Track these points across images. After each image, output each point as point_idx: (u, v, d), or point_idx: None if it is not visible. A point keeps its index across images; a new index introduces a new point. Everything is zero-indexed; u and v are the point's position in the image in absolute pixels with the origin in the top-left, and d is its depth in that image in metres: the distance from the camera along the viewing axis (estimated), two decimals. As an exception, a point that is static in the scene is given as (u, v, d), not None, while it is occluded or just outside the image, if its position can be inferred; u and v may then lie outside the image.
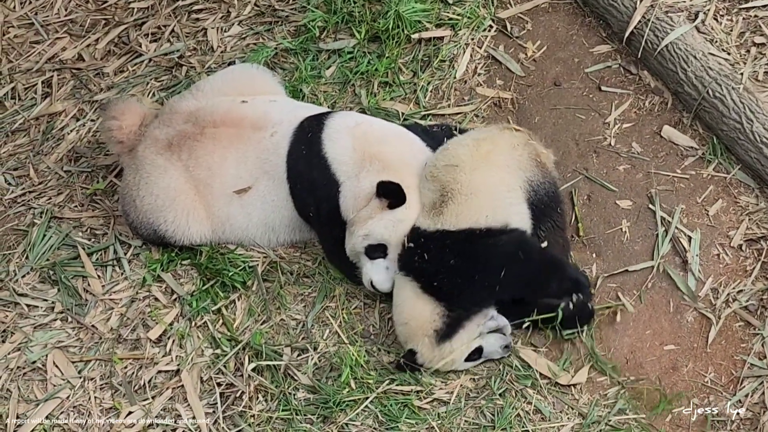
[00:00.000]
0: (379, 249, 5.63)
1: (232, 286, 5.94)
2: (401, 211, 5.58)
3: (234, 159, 5.94)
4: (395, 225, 5.58)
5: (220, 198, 5.97)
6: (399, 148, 5.78)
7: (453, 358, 5.44)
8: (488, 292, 5.41)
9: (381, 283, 5.66)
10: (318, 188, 5.78)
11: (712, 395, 5.39)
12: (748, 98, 5.83)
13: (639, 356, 5.53)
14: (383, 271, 5.66)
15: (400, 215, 5.58)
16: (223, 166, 5.94)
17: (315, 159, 5.79)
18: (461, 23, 6.61)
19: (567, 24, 6.58)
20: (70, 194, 6.47)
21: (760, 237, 5.70)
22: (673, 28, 6.11)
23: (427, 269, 5.41)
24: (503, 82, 6.47)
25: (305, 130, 5.88)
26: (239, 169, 5.94)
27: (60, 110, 6.86)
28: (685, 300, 5.61)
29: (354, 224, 5.65)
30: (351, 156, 5.72)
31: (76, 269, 6.12)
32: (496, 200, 5.50)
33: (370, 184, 5.63)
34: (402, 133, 5.92)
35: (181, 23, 7.08)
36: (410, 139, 5.89)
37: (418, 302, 5.42)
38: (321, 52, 6.73)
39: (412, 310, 5.43)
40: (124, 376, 5.75)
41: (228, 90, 6.23)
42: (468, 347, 5.44)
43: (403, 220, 5.58)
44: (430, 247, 5.44)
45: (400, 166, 5.68)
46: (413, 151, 5.83)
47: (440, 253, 5.42)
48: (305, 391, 5.57)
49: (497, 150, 5.64)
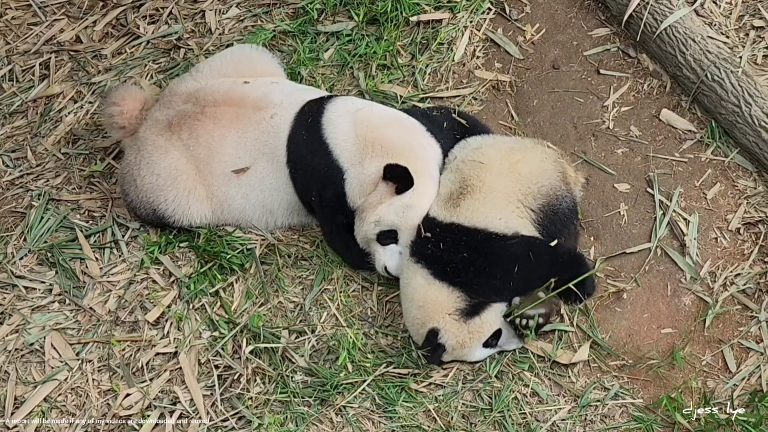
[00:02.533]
0: (390, 235, 5.64)
1: (230, 269, 5.94)
2: (410, 196, 5.58)
3: (234, 139, 5.94)
4: (405, 211, 5.58)
5: (219, 178, 5.97)
6: (401, 132, 5.77)
7: (478, 336, 5.40)
8: (503, 286, 5.41)
9: (395, 269, 5.67)
10: (320, 174, 5.78)
11: (709, 379, 5.40)
12: (747, 82, 5.83)
13: (636, 339, 5.54)
14: (396, 257, 5.67)
15: (408, 200, 5.58)
16: (222, 146, 5.94)
17: (316, 144, 5.78)
18: (460, 6, 6.60)
19: (566, 7, 6.57)
20: (68, 176, 6.46)
21: (758, 221, 5.71)
22: (672, 11, 6.10)
23: (440, 257, 5.42)
24: (502, 65, 6.46)
25: (306, 115, 5.87)
26: (238, 149, 5.93)
27: (58, 92, 6.85)
28: (683, 283, 5.62)
29: (364, 211, 5.65)
30: (353, 141, 5.72)
31: (73, 251, 6.12)
32: (512, 207, 5.50)
33: (375, 169, 5.63)
34: (403, 118, 5.91)
35: (179, 5, 7.07)
36: (411, 123, 5.88)
37: (431, 287, 5.42)
38: (319, 35, 6.71)
39: (426, 294, 5.42)
40: (122, 358, 5.75)
41: (228, 71, 6.22)
42: (492, 326, 5.42)
43: (412, 205, 5.58)
44: (445, 237, 5.44)
45: (404, 151, 5.67)
46: (416, 135, 5.82)
47: (454, 244, 5.42)
48: (303, 373, 5.57)
49: (526, 160, 5.64)
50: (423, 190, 5.62)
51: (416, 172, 5.58)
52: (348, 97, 6.12)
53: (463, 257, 5.40)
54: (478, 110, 6.29)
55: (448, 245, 5.43)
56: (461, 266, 5.39)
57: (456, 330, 5.37)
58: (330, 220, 5.85)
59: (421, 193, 5.61)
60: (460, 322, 5.36)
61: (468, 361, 5.51)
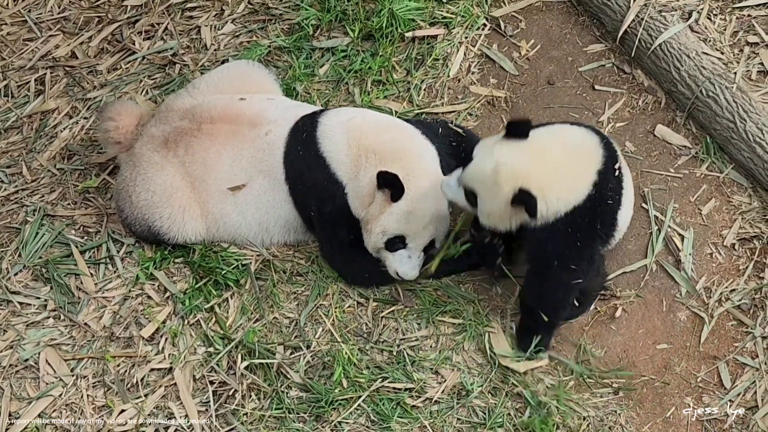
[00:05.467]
0: (397, 240, 5.66)
1: (225, 285, 5.94)
2: (406, 202, 5.58)
3: (229, 156, 5.94)
4: (407, 217, 5.59)
5: (214, 195, 5.97)
6: (392, 135, 5.76)
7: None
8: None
9: (406, 273, 5.69)
10: (319, 189, 5.77)
11: (704, 394, 5.40)
12: (741, 97, 5.84)
13: (632, 355, 5.53)
14: (406, 261, 5.69)
15: (406, 206, 5.58)
16: (218, 163, 5.94)
17: (313, 159, 5.78)
18: (455, 22, 6.62)
19: (561, 23, 6.58)
20: (63, 192, 6.46)
21: (753, 236, 5.71)
22: (667, 27, 6.12)
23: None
24: (497, 81, 6.47)
25: (300, 130, 5.87)
26: (234, 166, 5.93)
27: (53, 108, 6.85)
28: (678, 299, 5.62)
29: (368, 222, 5.66)
30: (347, 153, 5.72)
31: (68, 267, 6.12)
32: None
33: (370, 180, 5.63)
34: (394, 122, 5.91)
35: (175, 21, 7.08)
36: (403, 126, 5.87)
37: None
38: (314, 51, 6.72)
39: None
40: (116, 374, 5.74)
41: (224, 87, 6.22)
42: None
43: (412, 210, 5.59)
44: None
45: (396, 154, 5.66)
46: (407, 136, 5.81)
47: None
48: (298, 389, 5.57)
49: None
50: (419, 192, 5.61)
51: (410, 174, 5.58)
52: (341, 108, 6.13)
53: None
54: (474, 126, 6.30)
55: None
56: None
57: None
58: (330, 235, 5.85)
59: (417, 196, 5.60)
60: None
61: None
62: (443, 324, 5.69)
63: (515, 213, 5.22)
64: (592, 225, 5.27)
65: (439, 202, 5.63)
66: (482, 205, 5.30)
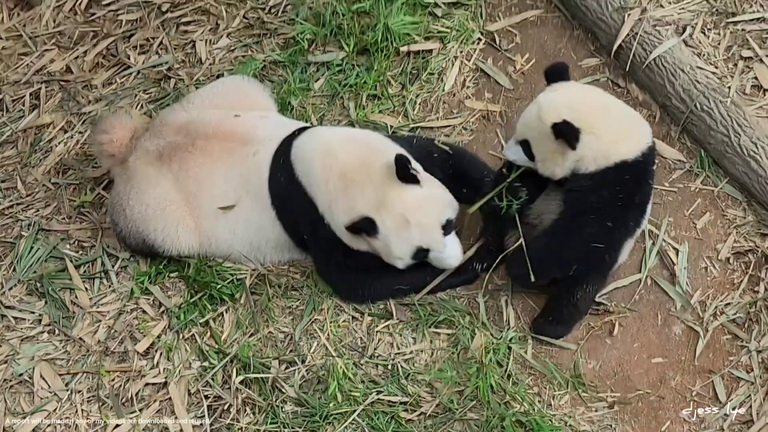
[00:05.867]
0: (418, 251, 5.63)
1: (220, 299, 5.93)
2: (388, 231, 5.54)
3: (222, 174, 5.93)
4: (402, 234, 5.56)
5: (207, 212, 5.96)
6: (358, 153, 5.69)
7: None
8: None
9: (455, 259, 5.72)
10: (306, 213, 5.76)
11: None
12: (736, 112, 5.84)
13: (627, 369, 5.53)
14: (450, 253, 5.68)
15: (391, 230, 5.54)
16: (211, 180, 5.93)
17: (293, 186, 5.76)
18: (450, 36, 6.62)
19: (555, 37, 6.59)
20: (57, 206, 6.46)
21: (748, 250, 5.71)
22: (661, 41, 6.13)
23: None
24: (492, 95, 6.47)
25: (279, 154, 5.85)
26: (225, 184, 5.92)
27: (48, 122, 6.85)
28: (673, 312, 5.62)
29: (383, 256, 5.67)
30: (315, 174, 5.68)
31: (63, 281, 6.11)
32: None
33: (344, 216, 5.59)
34: (363, 137, 5.89)
35: (170, 35, 7.08)
36: (373, 141, 5.83)
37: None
38: (309, 65, 6.73)
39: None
40: (111, 388, 5.74)
41: (219, 102, 6.21)
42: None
43: (409, 222, 5.52)
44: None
45: (361, 177, 5.60)
46: (370, 147, 5.76)
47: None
48: (293, 403, 5.56)
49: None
50: (399, 209, 5.53)
51: (379, 193, 5.54)
52: (316, 128, 6.02)
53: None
54: (469, 140, 6.30)
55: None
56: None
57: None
58: (326, 256, 5.82)
59: (397, 215, 5.53)
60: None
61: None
62: (438, 338, 5.69)
63: (564, 151, 5.30)
64: (634, 192, 5.37)
65: (414, 204, 5.59)
66: (536, 152, 5.39)
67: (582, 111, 5.28)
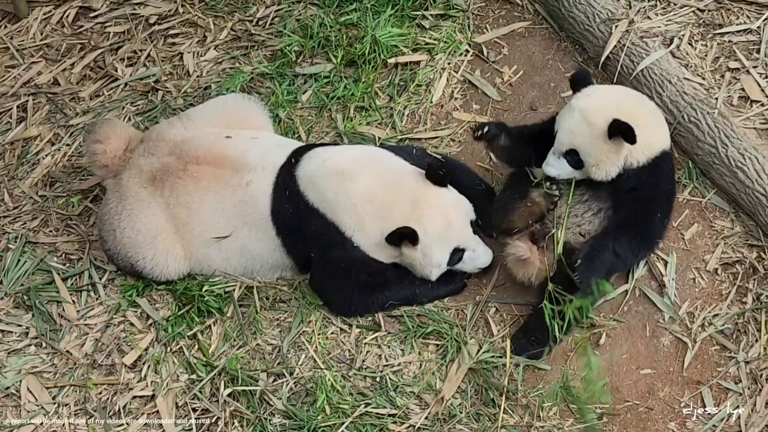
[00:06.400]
0: (454, 254, 5.74)
1: (207, 312, 5.92)
2: (429, 236, 5.63)
3: (212, 202, 5.91)
4: (441, 242, 5.66)
5: (198, 239, 5.95)
6: (376, 172, 5.75)
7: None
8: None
9: (487, 260, 5.85)
10: (320, 236, 5.78)
11: (688, 419, 5.39)
12: (723, 123, 5.85)
13: (615, 380, 5.53)
14: (479, 254, 5.81)
15: (433, 237, 5.64)
16: (201, 208, 5.91)
17: (306, 213, 5.77)
18: (438, 48, 6.63)
19: (543, 49, 6.60)
20: (45, 219, 6.44)
21: (736, 261, 5.72)
22: (649, 53, 6.14)
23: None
24: (480, 107, 6.48)
25: (282, 188, 5.83)
26: (216, 213, 5.91)
27: (35, 135, 6.83)
28: (661, 323, 5.62)
29: (416, 268, 5.76)
30: (336, 199, 5.70)
31: (50, 294, 6.10)
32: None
33: (380, 233, 5.65)
34: (370, 154, 5.92)
35: (157, 48, 7.08)
36: (379, 155, 5.89)
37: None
38: (297, 77, 6.72)
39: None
40: (98, 401, 5.72)
41: (218, 121, 6.19)
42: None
43: (439, 234, 5.64)
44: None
45: (389, 195, 5.68)
46: (389, 167, 5.82)
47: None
48: (281, 416, 5.54)
49: None
50: (432, 215, 5.65)
51: (415, 208, 5.63)
52: (313, 153, 5.95)
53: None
54: (457, 151, 6.31)
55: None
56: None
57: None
58: (333, 273, 5.83)
59: (434, 220, 5.64)
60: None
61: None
62: (426, 349, 5.68)
63: (618, 149, 5.41)
64: (674, 183, 5.72)
65: (450, 205, 5.73)
66: (586, 158, 5.47)
67: (626, 107, 5.47)
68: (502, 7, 6.77)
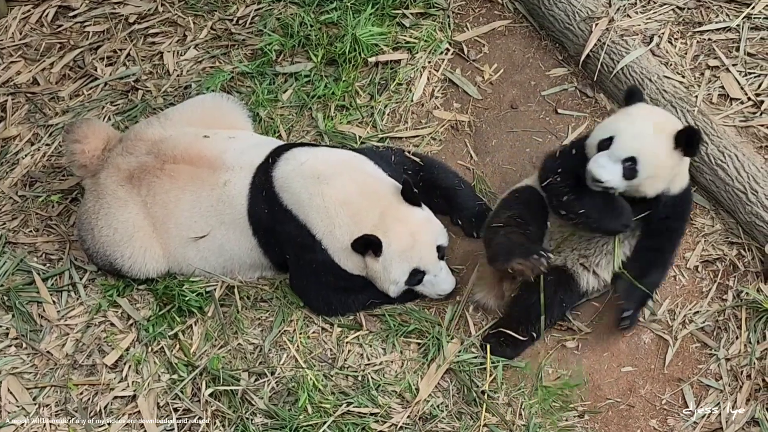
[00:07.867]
0: (413, 275, 5.71)
1: (188, 311, 5.91)
2: (393, 248, 5.60)
3: (188, 201, 5.89)
4: (403, 256, 5.62)
5: (175, 239, 5.94)
6: (353, 178, 5.74)
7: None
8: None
9: (449, 288, 5.78)
10: (295, 238, 5.76)
11: (669, 417, 5.40)
12: (703, 120, 5.87)
13: (597, 378, 5.54)
14: (441, 280, 5.75)
15: (395, 250, 5.61)
16: (177, 207, 5.90)
17: (280, 215, 5.75)
18: (418, 46, 6.63)
19: (523, 47, 6.61)
20: (24, 219, 6.42)
21: (716, 258, 5.73)
22: (629, 51, 6.15)
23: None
24: (460, 105, 6.48)
25: (259, 188, 5.82)
26: (193, 212, 5.89)
27: (14, 134, 6.81)
28: (642, 321, 5.63)
29: (376, 280, 5.73)
30: (310, 203, 5.69)
31: (30, 295, 6.08)
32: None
33: (348, 239, 5.62)
34: (348, 160, 5.89)
35: (137, 47, 7.06)
36: (357, 161, 5.88)
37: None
38: (277, 76, 6.72)
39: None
40: (79, 402, 5.70)
41: (196, 121, 6.18)
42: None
43: (403, 249, 5.61)
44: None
45: (363, 202, 5.66)
46: (365, 172, 5.81)
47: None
48: (263, 416, 5.54)
49: None
50: (399, 228, 5.63)
51: (383, 217, 5.61)
52: (290, 154, 5.92)
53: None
54: (437, 150, 6.31)
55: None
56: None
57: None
58: (308, 274, 5.82)
59: (400, 233, 5.62)
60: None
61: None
62: (408, 348, 5.68)
63: (673, 165, 5.39)
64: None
65: (419, 225, 5.69)
66: (644, 167, 5.34)
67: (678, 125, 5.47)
68: (482, 5, 6.78)
